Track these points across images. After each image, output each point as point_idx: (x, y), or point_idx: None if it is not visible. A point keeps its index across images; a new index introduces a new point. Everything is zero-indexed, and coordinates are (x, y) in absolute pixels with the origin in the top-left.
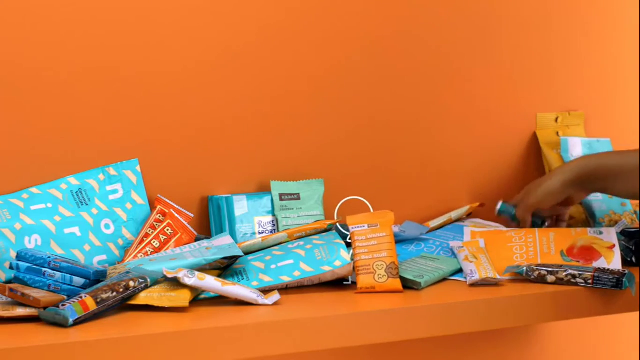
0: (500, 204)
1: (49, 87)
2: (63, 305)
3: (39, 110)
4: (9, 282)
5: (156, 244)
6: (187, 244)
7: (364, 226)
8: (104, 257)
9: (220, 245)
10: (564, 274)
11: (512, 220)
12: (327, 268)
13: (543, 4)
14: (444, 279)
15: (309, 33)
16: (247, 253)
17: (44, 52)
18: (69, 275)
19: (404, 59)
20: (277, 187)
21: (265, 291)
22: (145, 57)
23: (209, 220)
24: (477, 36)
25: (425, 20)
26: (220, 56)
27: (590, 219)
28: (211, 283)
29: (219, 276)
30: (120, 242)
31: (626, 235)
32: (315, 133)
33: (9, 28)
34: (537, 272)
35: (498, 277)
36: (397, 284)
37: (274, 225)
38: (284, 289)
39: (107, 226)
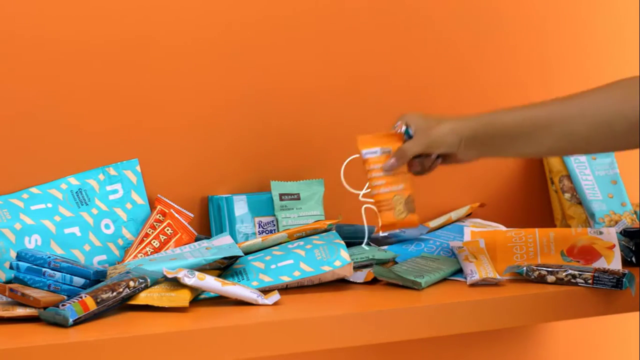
0: (404, 128)
1: (49, 87)
2: (63, 305)
3: (39, 111)
4: (9, 282)
5: (156, 244)
6: (187, 244)
7: (376, 151)
8: (104, 257)
9: (220, 245)
10: (564, 274)
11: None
12: (327, 268)
13: (543, 4)
14: (444, 279)
15: (309, 32)
16: (247, 253)
17: (43, 52)
18: (69, 275)
19: (403, 58)
20: (277, 187)
21: (265, 291)
22: (145, 57)
23: (209, 220)
24: (477, 36)
25: (425, 20)
26: (220, 56)
27: (590, 219)
28: (211, 283)
29: (219, 276)
30: (120, 242)
31: (626, 235)
32: (315, 133)
33: (8, 28)
34: (537, 272)
35: (498, 277)
36: (415, 218)
37: (274, 225)
38: (284, 289)
39: (107, 226)
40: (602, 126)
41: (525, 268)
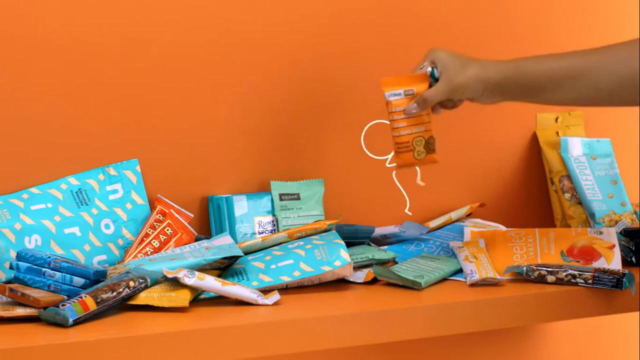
0: (430, 69)
1: (49, 87)
2: (63, 305)
3: (38, 110)
4: (9, 282)
5: (156, 244)
6: (187, 244)
7: (399, 93)
8: (104, 257)
9: (220, 245)
10: (564, 274)
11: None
12: (327, 268)
13: (544, 4)
14: (444, 279)
15: (307, 33)
16: (247, 253)
17: (43, 52)
18: (69, 275)
19: (402, 57)
20: (277, 187)
21: (265, 291)
22: (145, 57)
23: (209, 220)
24: (477, 36)
25: (425, 18)
26: (220, 56)
27: (590, 219)
28: (211, 283)
29: (219, 276)
30: (120, 242)
31: (626, 235)
32: (315, 133)
33: (8, 28)
34: (537, 272)
35: (498, 277)
36: (435, 157)
37: (274, 225)
38: (284, 289)
39: (107, 226)
40: (627, 80)
41: (525, 268)
